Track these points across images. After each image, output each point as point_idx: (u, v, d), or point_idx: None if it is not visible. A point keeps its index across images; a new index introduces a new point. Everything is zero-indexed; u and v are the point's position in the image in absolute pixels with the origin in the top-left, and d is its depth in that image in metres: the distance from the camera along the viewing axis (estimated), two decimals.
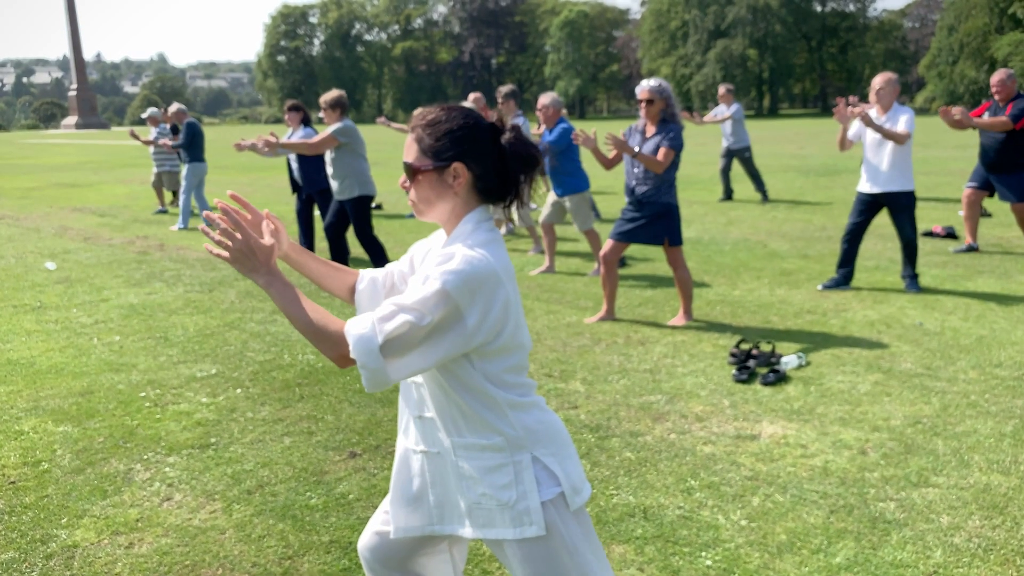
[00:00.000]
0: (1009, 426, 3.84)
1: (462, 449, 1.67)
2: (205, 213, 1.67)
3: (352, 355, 1.53)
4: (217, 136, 49.12)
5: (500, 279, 1.57)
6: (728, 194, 12.80)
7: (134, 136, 12.05)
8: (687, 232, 9.72)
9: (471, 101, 10.34)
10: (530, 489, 1.65)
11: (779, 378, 4.55)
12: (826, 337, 5.36)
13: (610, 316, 5.84)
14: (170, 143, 11.43)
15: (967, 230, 8.22)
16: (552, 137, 6.69)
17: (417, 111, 1.74)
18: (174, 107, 11.86)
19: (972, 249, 8.21)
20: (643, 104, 5.28)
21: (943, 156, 19.74)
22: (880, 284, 6.87)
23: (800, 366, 4.79)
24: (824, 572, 2.67)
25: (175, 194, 13.53)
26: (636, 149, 5.29)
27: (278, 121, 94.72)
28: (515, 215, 9.02)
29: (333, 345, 1.56)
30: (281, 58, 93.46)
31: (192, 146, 10.98)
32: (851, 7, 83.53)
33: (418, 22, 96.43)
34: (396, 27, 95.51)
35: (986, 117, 7.46)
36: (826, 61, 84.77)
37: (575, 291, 6.79)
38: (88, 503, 3.25)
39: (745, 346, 5.06)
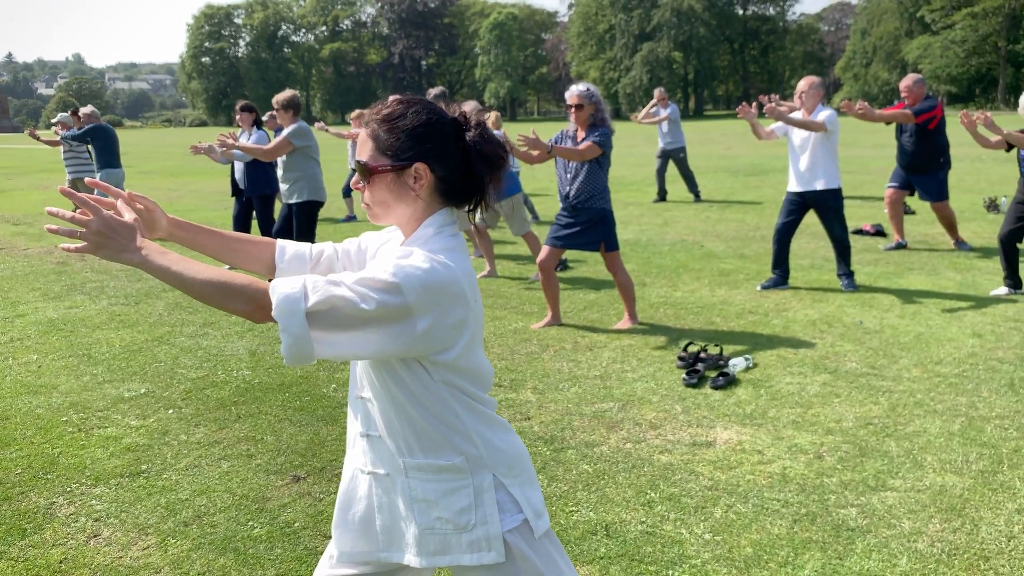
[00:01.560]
0: (956, 425, 3.87)
1: (415, 471, 1.52)
2: (48, 209, 1.46)
3: (273, 313, 1.35)
4: (140, 139, 47.45)
5: (462, 291, 1.44)
6: (662, 195, 12.89)
7: (34, 136, 11.42)
8: (624, 234, 9.72)
9: (354, 117, 10.16)
10: (490, 513, 1.51)
11: (729, 381, 4.52)
12: (770, 338, 5.37)
13: (556, 321, 5.75)
14: (59, 134, 10.81)
15: (894, 228, 8.42)
16: None
17: (374, 105, 1.58)
18: (87, 109, 11.29)
19: (901, 246, 8.42)
20: (572, 109, 5.21)
21: (863, 155, 20.36)
22: (817, 283, 6.96)
23: (748, 368, 4.78)
24: None
25: None
26: (549, 145, 5.19)
27: (203, 124, 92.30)
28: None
29: (246, 299, 1.37)
30: (205, 59, 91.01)
31: (105, 151, 10.44)
32: (771, 11, 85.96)
33: (346, 23, 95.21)
34: (324, 28, 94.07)
35: (885, 111, 7.64)
36: (748, 63, 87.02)
37: (519, 296, 6.68)
38: (4, 544, 2.98)
39: (693, 349, 5.03)
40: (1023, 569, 2.68)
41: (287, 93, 6.66)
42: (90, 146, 10.45)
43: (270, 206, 7.94)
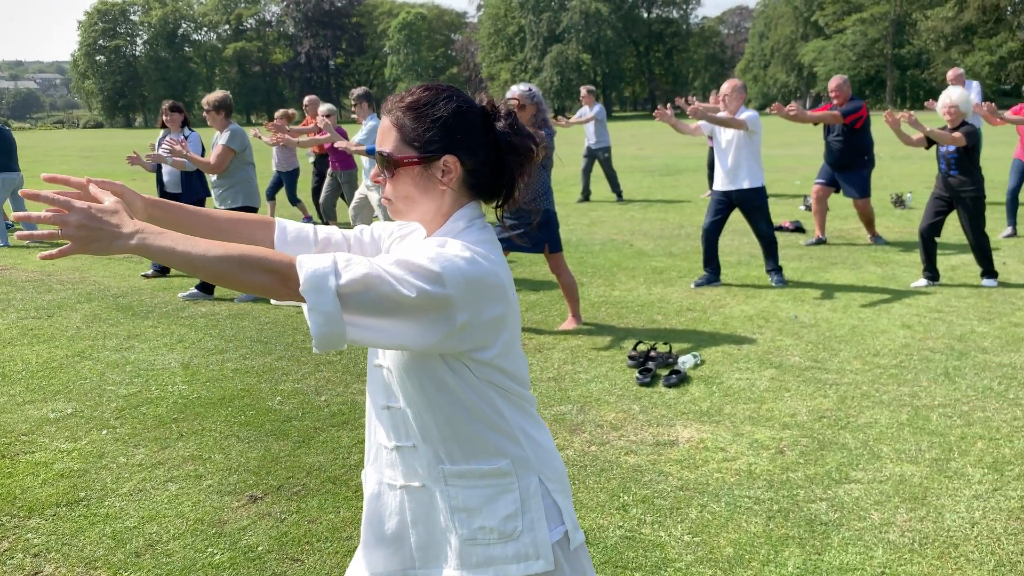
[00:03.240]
0: (904, 415, 4.00)
1: (456, 478, 1.42)
2: (15, 215, 1.28)
3: (301, 289, 1.22)
4: (31, 142, 44.90)
5: (503, 285, 1.35)
6: (586, 195, 12.99)
7: None
8: None
9: (307, 104, 9.90)
10: (537, 518, 1.42)
11: (681, 379, 4.55)
12: (712, 334, 5.45)
13: None
14: None
15: (816, 224, 8.70)
16: None
17: (395, 93, 1.45)
18: None
19: (821, 242, 8.71)
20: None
21: (772, 154, 21.07)
22: (747, 279, 7.11)
23: (697, 365, 4.82)
24: None
25: None
26: None
27: (99, 126, 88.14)
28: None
29: (268, 270, 1.23)
30: (100, 58, 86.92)
31: (2, 153, 9.78)
32: (675, 14, 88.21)
33: (250, 22, 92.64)
34: (227, 27, 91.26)
35: (816, 112, 7.91)
36: (654, 65, 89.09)
37: None
38: None
39: (642, 348, 5.04)
40: (991, 554, 2.76)
41: (219, 94, 6.36)
42: None
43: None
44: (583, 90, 12.41)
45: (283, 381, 4.65)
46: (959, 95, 6.27)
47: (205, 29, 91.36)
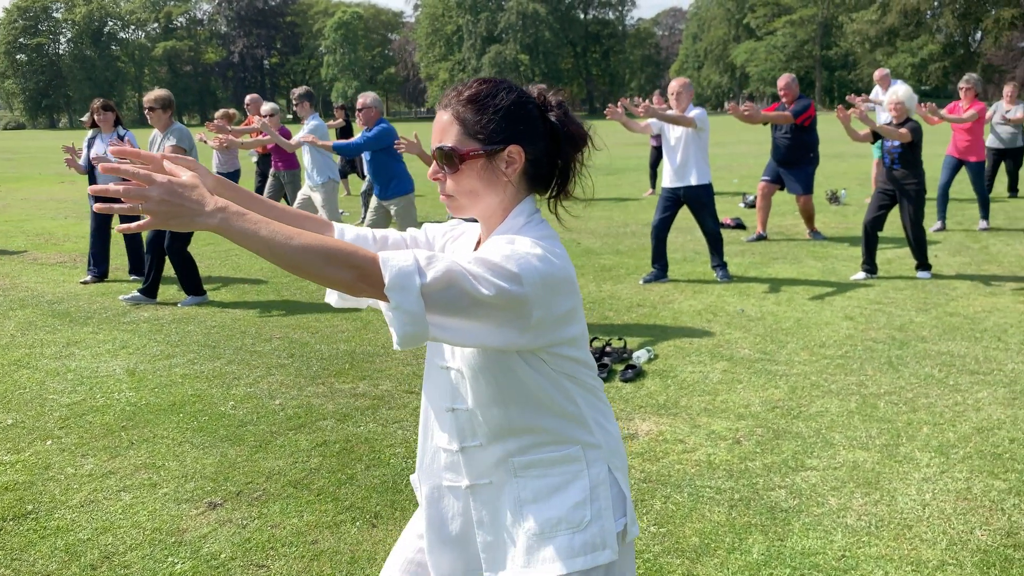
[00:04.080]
0: (852, 403, 4.12)
1: (526, 469, 1.41)
2: (92, 189, 1.20)
3: (386, 289, 1.20)
4: None
5: (572, 280, 1.35)
6: None
7: None
8: None
9: (249, 103, 9.72)
10: (605, 508, 1.41)
11: (637, 374, 4.60)
12: (663, 329, 5.53)
13: None
14: None
15: (759, 220, 8.91)
16: (372, 134, 6.40)
17: (450, 88, 1.43)
18: None
19: (762, 238, 8.92)
20: None
21: (709, 153, 21.48)
22: (693, 275, 7.24)
23: (651, 359, 4.88)
24: (746, 571, 2.67)
25: None
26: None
27: (20, 127, 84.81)
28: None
29: (351, 266, 1.20)
30: (21, 57, 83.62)
31: None
32: (611, 15, 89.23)
33: (180, 20, 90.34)
34: (156, 25, 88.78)
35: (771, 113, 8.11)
36: (591, 66, 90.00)
37: None
38: None
39: (598, 344, 5.09)
40: (943, 534, 2.87)
41: (161, 92, 6.17)
42: None
43: (137, 214, 7.38)
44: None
45: (235, 385, 4.55)
46: (905, 92, 6.51)
47: (133, 27, 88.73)
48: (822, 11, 75.68)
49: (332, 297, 1.57)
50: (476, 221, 1.53)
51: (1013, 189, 11.60)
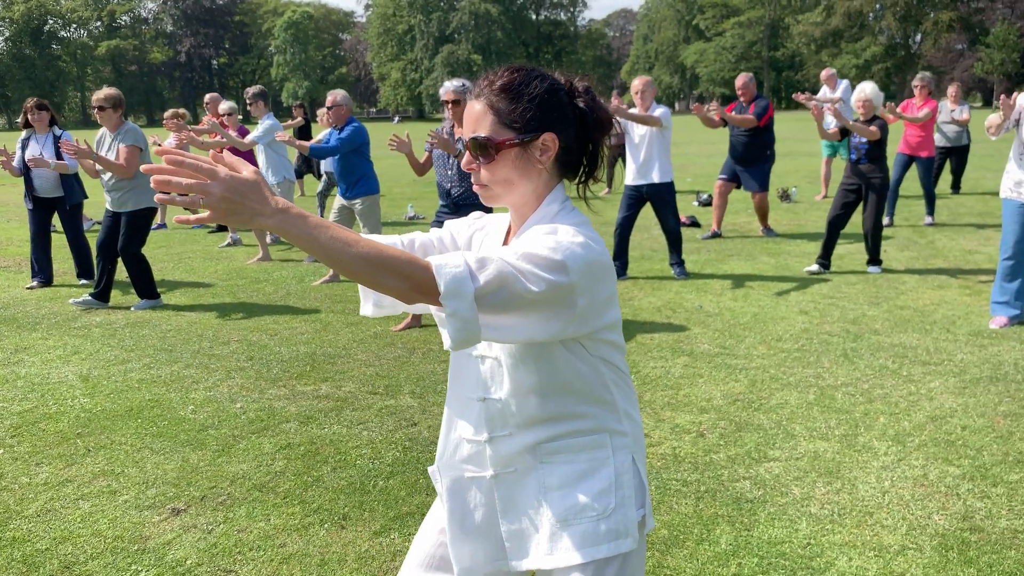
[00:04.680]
0: (811, 395, 4.21)
1: (553, 455, 1.42)
2: (156, 178, 1.16)
3: (442, 297, 1.21)
4: None
5: (612, 268, 1.36)
6: None
7: None
8: None
9: (208, 101, 9.56)
10: (628, 495, 1.43)
11: None
12: (624, 325, 5.57)
13: (416, 323, 5.63)
14: None
15: (714, 218, 9.04)
16: (345, 135, 6.33)
17: (481, 77, 1.43)
18: None
19: (716, 235, 9.05)
20: (449, 105, 5.12)
21: None
22: (651, 272, 7.32)
23: None
24: (715, 561, 2.71)
25: None
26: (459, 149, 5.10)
27: None
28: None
29: (404, 276, 1.21)
30: None
31: None
32: (562, 16, 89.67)
33: (124, 19, 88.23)
34: (99, 24, 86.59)
35: (734, 115, 8.23)
36: (543, 67, 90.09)
37: None
38: None
39: None
40: (902, 520, 2.95)
41: (111, 90, 6.00)
42: None
43: (78, 215, 7.19)
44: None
45: (194, 389, 4.46)
46: (872, 90, 6.70)
47: (75, 26, 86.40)
48: (769, 13, 77.11)
49: (367, 308, 1.56)
50: (487, 211, 1.53)
51: (956, 186, 11.97)
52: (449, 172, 5.24)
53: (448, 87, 5.13)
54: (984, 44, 67.08)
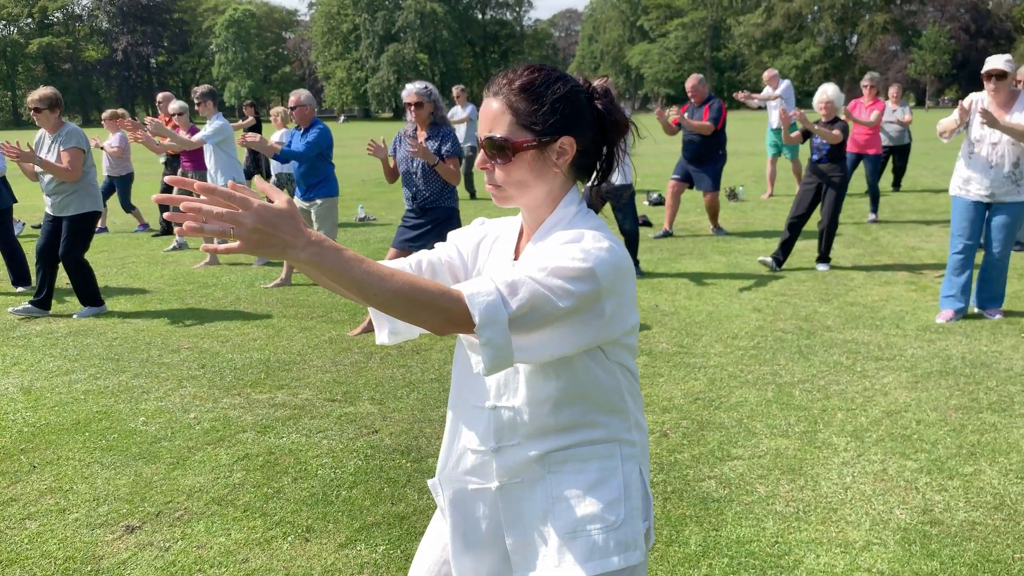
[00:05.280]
0: (769, 392, 4.26)
1: (562, 464, 1.38)
2: (185, 204, 1.11)
3: (477, 329, 1.19)
4: None
5: (633, 271, 1.35)
6: (472, 194, 13.09)
7: None
8: None
9: (160, 100, 9.31)
10: (636, 507, 1.40)
11: None
12: None
13: (372, 328, 5.55)
14: None
15: (666, 217, 9.12)
16: (312, 138, 6.20)
17: (499, 74, 1.38)
18: None
19: (668, 234, 9.14)
20: (412, 108, 5.05)
21: None
22: None
23: None
24: (686, 563, 2.71)
25: None
26: (431, 157, 5.00)
27: None
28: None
29: (438, 310, 1.19)
30: None
31: None
32: (508, 16, 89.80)
33: (57, 15, 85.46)
34: (30, 20, 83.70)
35: (687, 117, 8.30)
36: (491, 66, 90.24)
37: (323, 304, 6.37)
38: None
39: None
40: (865, 515, 2.99)
41: (47, 90, 5.76)
42: None
43: (8, 220, 6.92)
44: (456, 89, 12.34)
45: (144, 400, 4.32)
46: (833, 91, 6.84)
47: (3, 22, 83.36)
48: (712, 14, 78.39)
49: (383, 336, 1.50)
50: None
51: (897, 184, 12.31)
52: (415, 176, 5.17)
53: (411, 89, 5.06)
54: (917, 46, 69.29)
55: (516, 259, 1.45)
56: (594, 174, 1.44)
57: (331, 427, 3.91)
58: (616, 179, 6.83)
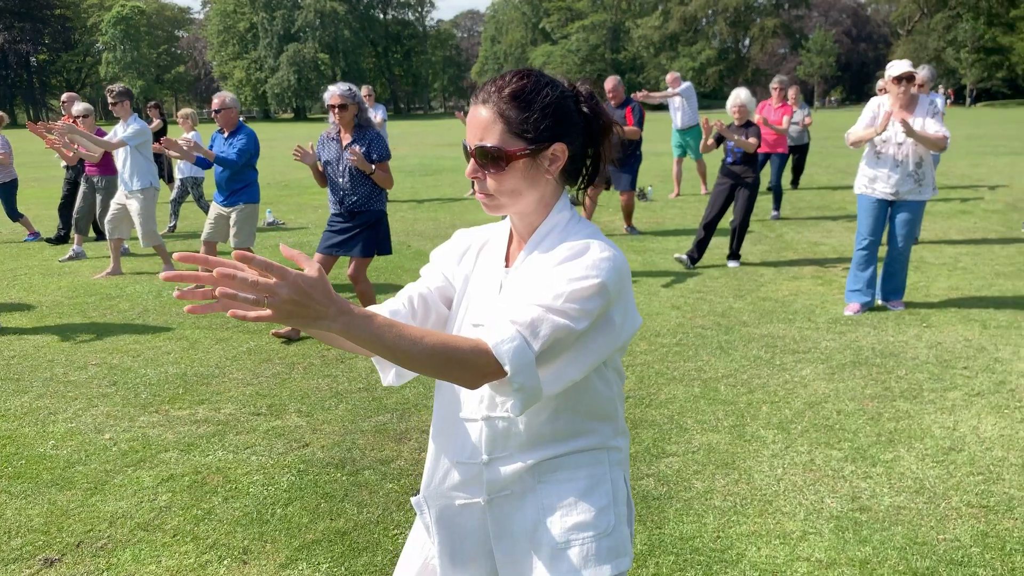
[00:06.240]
0: (696, 388, 4.35)
1: (552, 473, 1.38)
2: (220, 271, 1.13)
3: (510, 378, 1.19)
4: None
5: (630, 274, 1.35)
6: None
7: None
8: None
9: (65, 100, 8.81)
10: (622, 515, 1.42)
11: None
12: None
13: (295, 333, 5.39)
14: None
15: (585, 217, 9.22)
16: (243, 144, 5.95)
17: (488, 81, 1.35)
18: None
19: None
20: (335, 110, 4.91)
21: None
22: None
23: None
24: (633, 562, 2.73)
25: None
26: (360, 159, 4.86)
27: None
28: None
29: (471, 368, 1.18)
30: None
31: None
32: (410, 16, 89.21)
33: None
34: None
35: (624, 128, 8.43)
36: (393, 66, 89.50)
37: None
38: None
39: None
40: (799, 505, 3.09)
41: None
42: None
43: None
44: (364, 89, 12.08)
45: (52, 422, 4.06)
46: (746, 95, 7.05)
47: None
48: (611, 17, 79.96)
49: (389, 378, 1.46)
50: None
51: (796, 182, 12.84)
52: (342, 180, 5.03)
53: (334, 91, 4.93)
54: (805, 48, 72.61)
55: (508, 266, 1.43)
56: (579, 178, 1.43)
57: (259, 442, 3.77)
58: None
